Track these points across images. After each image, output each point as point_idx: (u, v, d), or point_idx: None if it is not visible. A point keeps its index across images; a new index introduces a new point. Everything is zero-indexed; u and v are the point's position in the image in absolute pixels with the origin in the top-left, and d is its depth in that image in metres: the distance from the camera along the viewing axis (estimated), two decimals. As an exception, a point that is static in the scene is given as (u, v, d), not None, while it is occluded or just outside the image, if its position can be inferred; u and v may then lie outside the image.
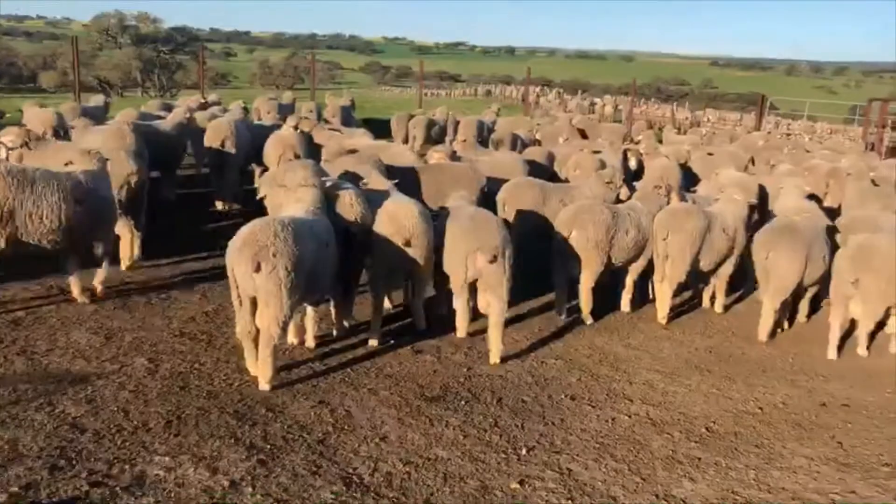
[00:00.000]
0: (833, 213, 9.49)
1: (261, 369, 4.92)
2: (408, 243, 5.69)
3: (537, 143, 13.74)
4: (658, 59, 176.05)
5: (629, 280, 7.24)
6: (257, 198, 6.43)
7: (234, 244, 4.84)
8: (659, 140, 15.93)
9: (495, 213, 7.29)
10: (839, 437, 4.99)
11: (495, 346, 5.78)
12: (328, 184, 5.84)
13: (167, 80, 46.00)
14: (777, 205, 8.22)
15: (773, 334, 6.93)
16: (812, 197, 9.66)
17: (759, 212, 9.37)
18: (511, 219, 7.37)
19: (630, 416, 5.07)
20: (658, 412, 5.17)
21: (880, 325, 6.75)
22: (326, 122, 15.27)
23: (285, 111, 15.49)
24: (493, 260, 5.60)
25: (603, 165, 9.46)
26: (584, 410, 5.11)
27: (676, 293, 7.49)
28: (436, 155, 9.60)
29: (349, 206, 5.74)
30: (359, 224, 5.74)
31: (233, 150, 9.88)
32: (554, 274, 6.88)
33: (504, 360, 5.83)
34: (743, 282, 8.07)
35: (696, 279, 7.56)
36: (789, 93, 51.65)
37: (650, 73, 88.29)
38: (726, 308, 7.59)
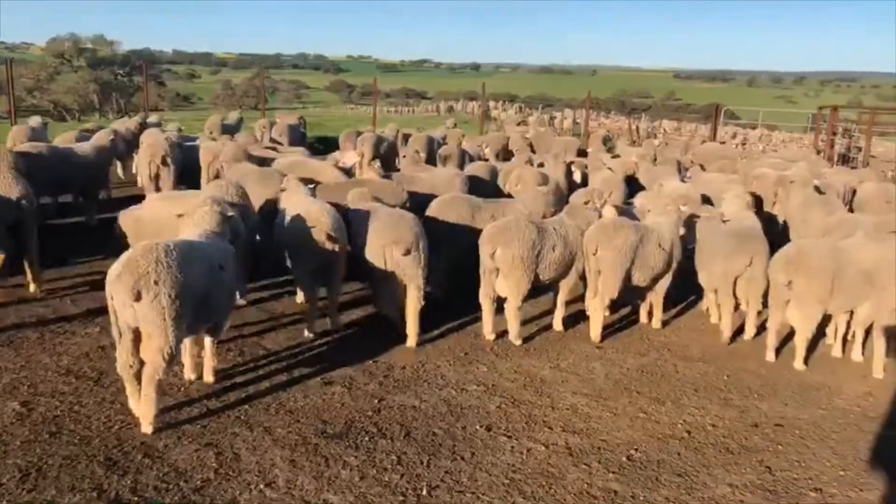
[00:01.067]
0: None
1: (143, 409, 4.50)
2: (329, 239, 5.96)
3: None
4: (622, 73, 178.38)
5: (560, 297, 6.93)
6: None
7: (113, 271, 4.44)
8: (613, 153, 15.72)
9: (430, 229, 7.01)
10: (768, 462, 4.70)
11: (412, 331, 6.23)
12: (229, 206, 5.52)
13: (125, 103, 45.05)
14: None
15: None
16: (760, 204, 9.59)
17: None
18: (440, 234, 7.05)
19: (547, 447, 4.71)
20: (578, 440, 4.82)
21: (816, 337, 6.53)
22: (273, 140, 14.90)
23: (230, 130, 15.12)
24: (408, 252, 6.00)
25: (545, 179, 9.21)
26: (498, 442, 4.74)
27: (614, 309, 7.22)
28: (367, 172, 9.34)
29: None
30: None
31: (171, 167, 9.57)
32: (481, 293, 6.54)
33: (421, 387, 5.48)
34: (683, 295, 7.83)
35: (632, 295, 7.28)
36: (750, 103, 52.45)
37: (615, 87, 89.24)
38: (664, 323, 7.29)
